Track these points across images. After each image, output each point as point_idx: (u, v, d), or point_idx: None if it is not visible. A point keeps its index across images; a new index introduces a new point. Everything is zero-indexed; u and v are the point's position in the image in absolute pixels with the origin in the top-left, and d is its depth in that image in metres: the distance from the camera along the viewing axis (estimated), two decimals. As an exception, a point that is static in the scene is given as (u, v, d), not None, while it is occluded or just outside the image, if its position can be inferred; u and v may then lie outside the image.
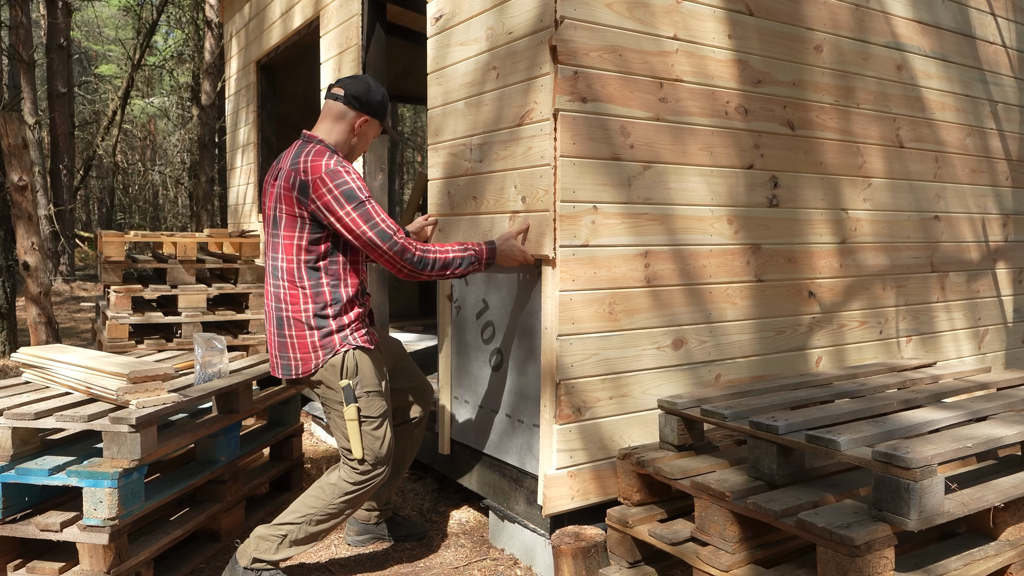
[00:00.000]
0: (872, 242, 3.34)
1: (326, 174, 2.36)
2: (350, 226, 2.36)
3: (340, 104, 2.53)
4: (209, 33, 12.04)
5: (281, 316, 2.47)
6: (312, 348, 2.45)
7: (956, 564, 2.03)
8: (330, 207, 2.35)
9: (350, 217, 2.36)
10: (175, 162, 21.37)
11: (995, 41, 3.82)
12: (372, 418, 2.48)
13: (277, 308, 2.48)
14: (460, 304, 3.09)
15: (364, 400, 2.47)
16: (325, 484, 2.53)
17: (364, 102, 2.53)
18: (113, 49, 20.97)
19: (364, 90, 2.53)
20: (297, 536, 2.50)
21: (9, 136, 4.75)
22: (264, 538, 2.50)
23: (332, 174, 2.36)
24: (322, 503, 2.50)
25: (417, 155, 24.01)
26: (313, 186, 2.35)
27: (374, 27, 3.90)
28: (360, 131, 2.56)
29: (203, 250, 5.14)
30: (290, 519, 2.50)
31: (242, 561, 2.49)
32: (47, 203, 12.69)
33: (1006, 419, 2.28)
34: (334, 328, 2.45)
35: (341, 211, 2.35)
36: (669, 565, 2.47)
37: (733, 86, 2.85)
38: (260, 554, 2.48)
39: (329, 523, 2.53)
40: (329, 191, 2.35)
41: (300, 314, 2.44)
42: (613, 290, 2.60)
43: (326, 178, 2.35)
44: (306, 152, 2.43)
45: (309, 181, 2.36)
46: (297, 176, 2.38)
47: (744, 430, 2.27)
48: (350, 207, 2.35)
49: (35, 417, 2.36)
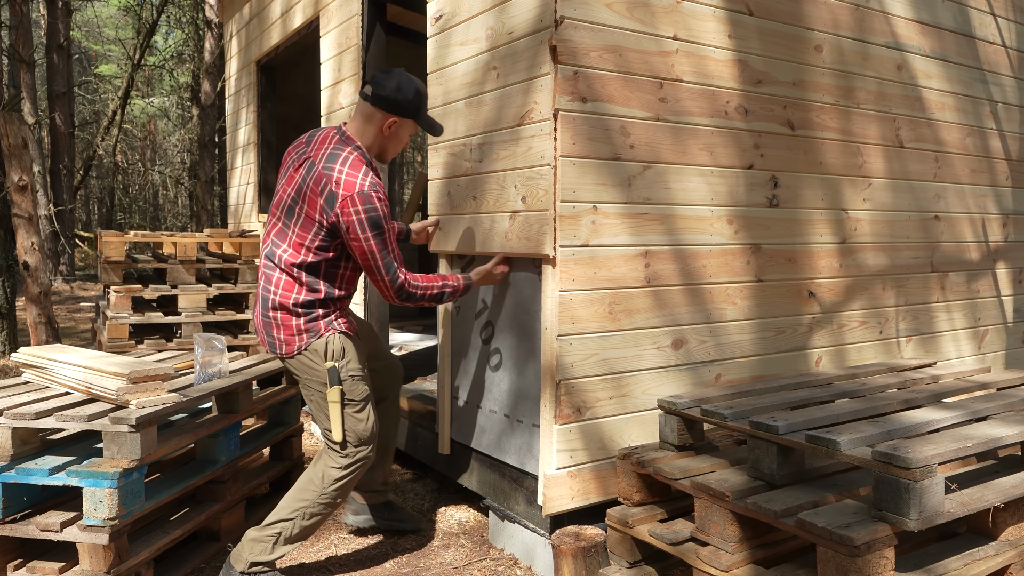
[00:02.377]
0: (872, 242, 3.34)
1: (358, 195, 2.36)
2: (364, 250, 2.41)
3: (369, 105, 2.51)
4: (209, 33, 12.04)
5: (268, 297, 2.51)
6: (296, 331, 2.48)
7: (956, 564, 2.03)
8: (352, 228, 2.38)
9: (368, 243, 2.40)
10: (175, 162, 21.37)
11: (995, 41, 3.82)
12: (355, 401, 2.51)
13: (267, 289, 2.52)
14: (460, 304, 3.09)
15: (348, 383, 2.50)
16: (313, 476, 2.54)
17: (392, 103, 2.49)
18: (113, 49, 20.97)
19: (393, 89, 2.49)
20: (292, 532, 2.50)
21: (9, 136, 4.75)
22: (258, 540, 2.49)
23: (364, 197, 2.37)
24: (313, 495, 2.51)
25: (417, 155, 24.00)
26: (342, 202, 2.37)
27: (374, 27, 3.90)
28: (390, 133, 2.55)
29: (203, 250, 5.14)
30: (283, 516, 2.50)
31: (238, 566, 2.48)
32: (47, 203, 12.69)
33: (1006, 419, 2.28)
34: (320, 314, 2.49)
35: (361, 235, 2.39)
36: (669, 565, 2.47)
37: (733, 86, 2.85)
38: (256, 556, 2.47)
39: (322, 514, 2.54)
40: (356, 213, 2.37)
41: (288, 301, 2.47)
42: (613, 290, 2.60)
43: (357, 199, 2.36)
44: (342, 160, 2.42)
45: (339, 195, 2.37)
46: (328, 186, 2.39)
47: (744, 430, 2.27)
48: (371, 234, 2.39)
49: (35, 417, 2.36)
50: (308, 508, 2.51)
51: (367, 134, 2.54)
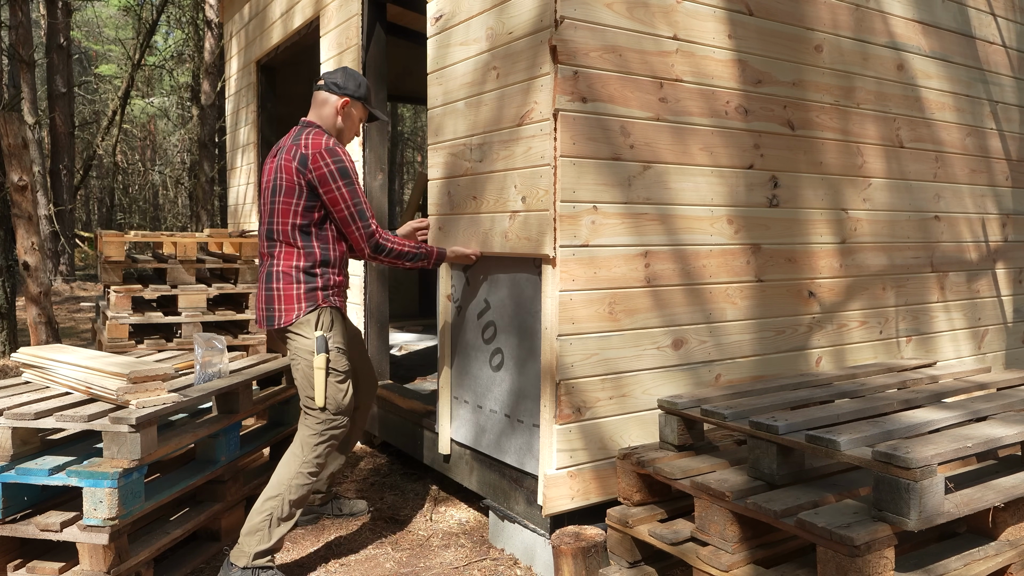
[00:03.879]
0: (872, 242, 3.34)
1: (325, 151, 2.63)
2: (336, 199, 2.63)
3: (323, 92, 2.81)
4: (209, 33, 12.04)
5: (271, 271, 2.69)
6: (296, 299, 2.65)
7: (956, 564, 2.03)
8: (324, 179, 2.61)
9: (340, 191, 2.63)
10: (175, 162, 21.37)
11: (995, 41, 3.82)
12: (338, 371, 2.68)
13: (269, 265, 2.70)
14: (460, 304, 3.09)
15: (334, 354, 2.67)
16: (292, 450, 2.69)
17: (342, 86, 2.79)
18: (113, 49, 20.96)
19: (341, 77, 2.81)
20: (283, 511, 2.59)
21: (9, 136, 4.75)
22: (253, 531, 2.56)
23: (330, 152, 2.64)
24: (295, 466, 2.64)
25: (417, 155, 24.01)
26: (312, 159, 2.62)
27: (374, 27, 3.90)
28: (344, 112, 2.81)
29: (203, 250, 5.14)
30: (269, 495, 2.60)
31: (240, 562, 2.52)
32: (47, 203, 12.69)
33: (1006, 419, 2.28)
34: (319, 285, 2.67)
35: (332, 184, 2.62)
36: (669, 565, 2.47)
37: (733, 86, 2.85)
38: (255, 547, 2.54)
39: (307, 484, 2.65)
40: (326, 165, 2.61)
41: (290, 269, 2.66)
42: (613, 290, 2.60)
43: (325, 154, 2.62)
44: (306, 134, 2.71)
45: (308, 154, 2.62)
46: (298, 150, 2.64)
47: (744, 430, 2.27)
48: (342, 183, 2.63)
49: (35, 417, 2.36)
50: (293, 480, 2.62)
51: (324, 117, 2.80)
